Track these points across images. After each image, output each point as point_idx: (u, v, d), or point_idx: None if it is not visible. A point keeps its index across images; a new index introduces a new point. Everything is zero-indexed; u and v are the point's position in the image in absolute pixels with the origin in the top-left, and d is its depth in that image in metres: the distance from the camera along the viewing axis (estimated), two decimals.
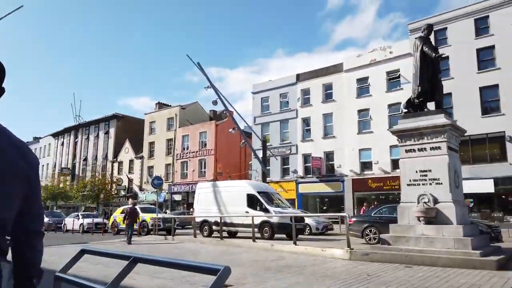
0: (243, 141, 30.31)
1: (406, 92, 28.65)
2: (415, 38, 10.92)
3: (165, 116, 49.35)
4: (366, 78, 31.16)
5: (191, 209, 40.27)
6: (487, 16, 25.90)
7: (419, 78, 10.09)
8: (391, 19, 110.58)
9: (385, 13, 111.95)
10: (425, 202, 9.15)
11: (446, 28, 27.57)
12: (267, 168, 36.05)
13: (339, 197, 30.80)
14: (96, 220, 28.74)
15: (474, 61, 25.94)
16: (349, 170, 30.51)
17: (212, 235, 18.03)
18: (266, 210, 16.39)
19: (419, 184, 9.44)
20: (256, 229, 16.14)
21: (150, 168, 49.13)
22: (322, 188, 31.67)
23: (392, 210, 13.86)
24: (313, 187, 32.32)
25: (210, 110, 54.04)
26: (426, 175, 9.35)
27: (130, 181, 51.56)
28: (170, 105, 52.25)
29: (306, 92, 34.85)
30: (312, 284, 6.73)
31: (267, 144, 32.86)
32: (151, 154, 49.83)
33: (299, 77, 35.70)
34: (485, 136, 25.06)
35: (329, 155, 32.46)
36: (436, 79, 10.40)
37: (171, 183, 45.24)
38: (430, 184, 9.25)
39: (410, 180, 9.62)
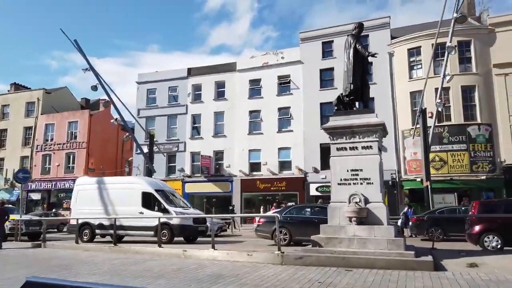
0: (127, 134, 27.27)
1: (295, 97, 29.92)
2: (348, 35, 10.85)
3: (24, 99, 41.90)
4: (258, 80, 31.46)
5: (53, 210, 34.98)
6: (367, 35, 28.67)
7: (352, 75, 9.98)
8: (264, 31, 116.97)
9: (259, 25, 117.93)
10: (356, 202, 8.97)
11: (332, 41, 29.63)
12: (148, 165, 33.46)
13: (227, 197, 30.26)
14: None
15: None
16: (239, 171, 30.26)
17: (94, 240, 15.42)
18: (165, 211, 14.62)
19: (350, 184, 9.24)
20: (152, 232, 14.33)
21: (0, 160, 41.03)
22: (210, 188, 30.71)
23: (300, 211, 13.74)
24: (200, 186, 31.09)
25: (81, 98, 48.16)
26: (357, 175, 9.21)
27: None
28: (30, 88, 44.71)
29: (197, 88, 33.49)
30: None
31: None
32: (1, 144, 41.64)
33: (191, 72, 34.15)
34: None
35: (218, 154, 31.71)
36: (364, 79, 10.44)
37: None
38: (361, 183, 9.12)
39: (341, 179, 9.37)
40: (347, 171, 9.32)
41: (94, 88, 25.93)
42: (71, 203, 16.44)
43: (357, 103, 10.41)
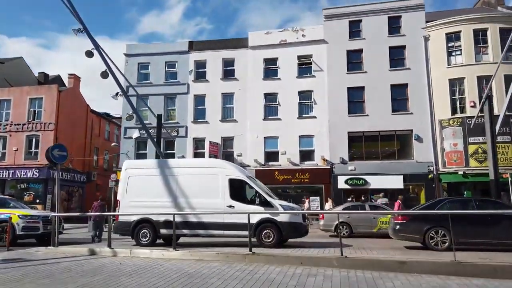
0: (131, 112, 22.36)
1: (318, 80, 27.01)
2: None
3: None
4: (275, 59, 28.00)
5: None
6: (400, 16, 26.65)
7: None
8: (198, 23, 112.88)
9: (192, 16, 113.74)
10: None
11: (361, 21, 27.15)
12: (141, 152, 28.70)
13: None
14: None
15: (387, 58, 26.21)
16: (253, 160, 26.63)
17: (157, 242, 11.25)
18: (266, 204, 10.89)
19: None
20: (246, 232, 10.56)
21: None
22: None
23: (460, 205, 10.84)
24: None
25: (39, 73, 41.03)
26: None
27: None
28: None
29: (201, 64, 29.14)
30: None
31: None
32: None
33: (192, 45, 29.69)
34: (394, 133, 25.52)
35: (227, 141, 27.77)
36: None
37: None
38: None
39: None
40: None
41: (89, 53, 20.65)
42: (119, 194, 11.88)
43: None
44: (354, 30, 27.19)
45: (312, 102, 26.93)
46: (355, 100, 26.32)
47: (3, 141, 32.20)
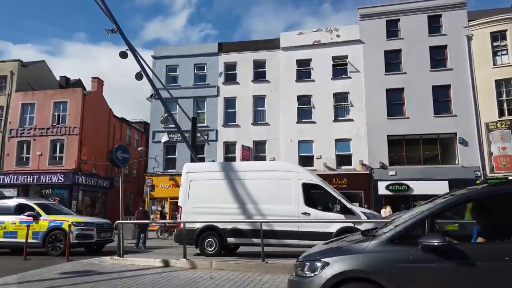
0: (165, 115, 21.48)
1: (355, 82, 25.99)
2: None
3: None
4: (308, 61, 27.07)
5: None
6: (440, 15, 25.62)
7: None
8: (202, 29, 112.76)
9: (197, 22, 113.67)
10: None
11: (399, 20, 26.17)
12: (170, 156, 27.87)
13: None
14: None
15: (427, 58, 25.16)
16: None
17: (222, 252, 10.26)
18: (347, 211, 9.86)
19: None
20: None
21: None
22: None
23: None
24: None
25: (61, 77, 40.51)
26: None
27: None
28: None
29: (231, 66, 28.30)
30: None
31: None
32: None
33: (222, 47, 28.89)
34: (436, 137, 24.38)
35: (259, 146, 26.80)
36: None
37: None
38: None
39: None
40: None
41: (124, 54, 19.82)
42: (180, 199, 10.93)
43: None
44: (392, 30, 26.20)
45: (348, 104, 25.91)
46: (394, 102, 25.24)
47: (27, 146, 31.56)
